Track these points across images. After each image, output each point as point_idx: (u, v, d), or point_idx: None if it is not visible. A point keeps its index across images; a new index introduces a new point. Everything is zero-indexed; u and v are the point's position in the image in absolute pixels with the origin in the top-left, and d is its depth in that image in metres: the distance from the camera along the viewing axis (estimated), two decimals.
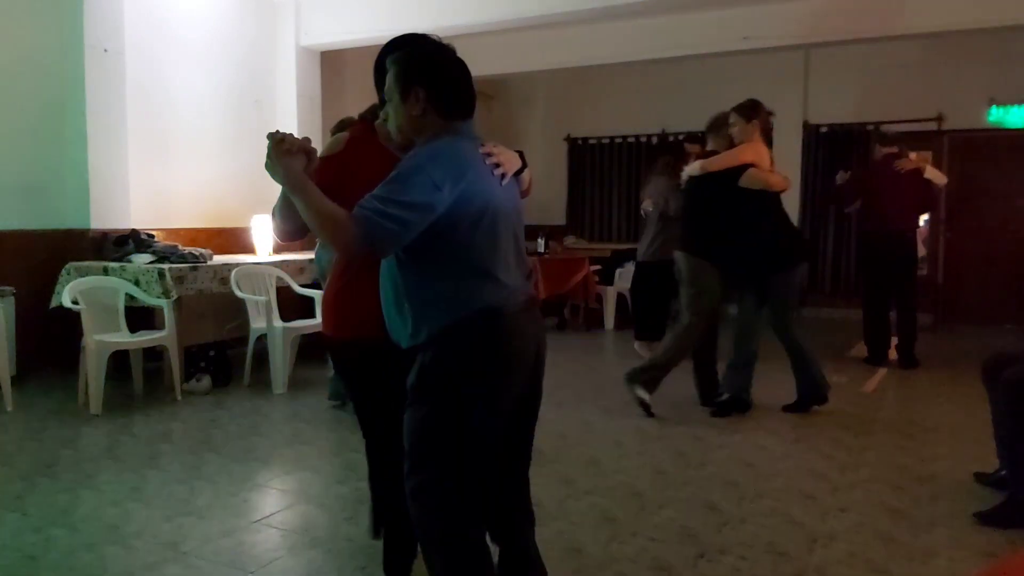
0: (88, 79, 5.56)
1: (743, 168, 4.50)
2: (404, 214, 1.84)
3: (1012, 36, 7.23)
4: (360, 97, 4.61)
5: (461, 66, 2.08)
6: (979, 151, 8.47)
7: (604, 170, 10.42)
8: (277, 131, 1.97)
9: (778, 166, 4.80)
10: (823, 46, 7.92)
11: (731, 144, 4.65)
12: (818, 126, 9.14)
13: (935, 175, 6.06)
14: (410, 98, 2.01)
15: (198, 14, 6.56)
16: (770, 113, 4.68)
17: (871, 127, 8.79)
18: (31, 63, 5.51)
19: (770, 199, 4.59)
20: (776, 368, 5.48)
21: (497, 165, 2.05)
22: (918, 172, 6.00)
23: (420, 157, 1.94)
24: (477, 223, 1.94)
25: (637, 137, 10.18)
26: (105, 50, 5.65)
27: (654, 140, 10.05)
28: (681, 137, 9.76)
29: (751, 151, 4.54)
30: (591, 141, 10.47)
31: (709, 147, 4.88)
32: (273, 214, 2.24)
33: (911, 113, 8.34)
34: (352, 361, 2.38)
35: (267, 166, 1.93)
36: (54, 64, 5.59)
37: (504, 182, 2.06)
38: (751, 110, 4.59)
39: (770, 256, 4.57)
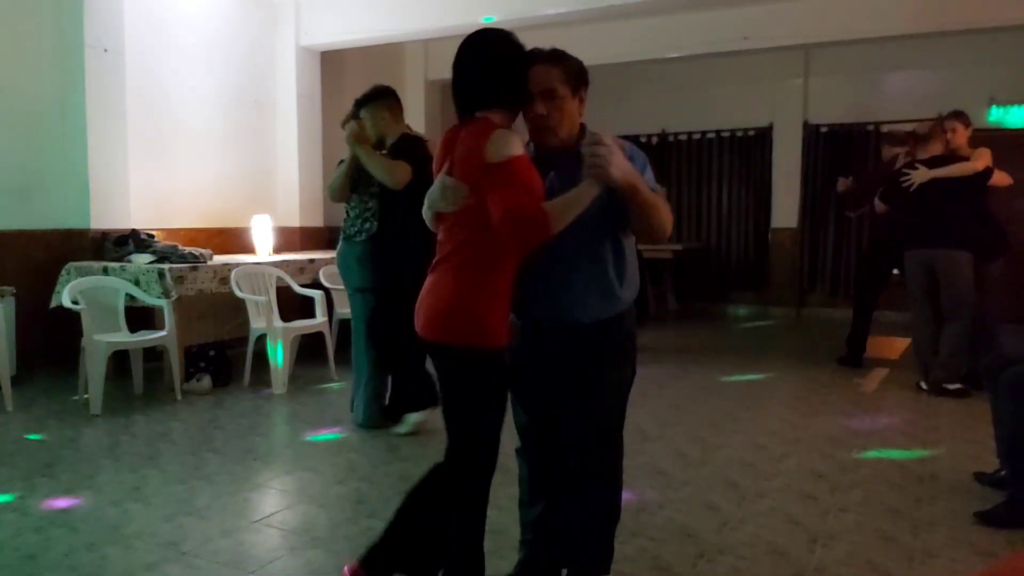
0: (88, 79, 5.56)
1: (989, 170, 4.96)
2: None
3: (1012, 36, 7.22)
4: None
5: None
6: None
7: None
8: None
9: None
10: (823, 46, 7.91)
11: (947, 148, 5.05)
12: (818, 126, 9.14)
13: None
14: (576, 98, 2.20)
15: (198, 14, 6.56)
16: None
17: (871, 127, 8.80)
18: (31, 63, 5.51)
19: (989, 197, 4.94)
20: (778, 367, 5.47)
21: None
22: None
23: (634, 151, 2.16)
24: None
25: (637, 137, 10.17)
26: (105, 50, 5.65)
27: (654, 140, 10.05)
28: (682, 137, 9.90)
29: (989, 155, 4.95)
30: None
31: (927, 155, 5.12)
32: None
33: (911, 113, 8.32)
34: (496, 371, 2.16)
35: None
36: (54, 64, 5.60)
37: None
38: (967, 118, 5.12)
39: (984, 247, 5.01)
